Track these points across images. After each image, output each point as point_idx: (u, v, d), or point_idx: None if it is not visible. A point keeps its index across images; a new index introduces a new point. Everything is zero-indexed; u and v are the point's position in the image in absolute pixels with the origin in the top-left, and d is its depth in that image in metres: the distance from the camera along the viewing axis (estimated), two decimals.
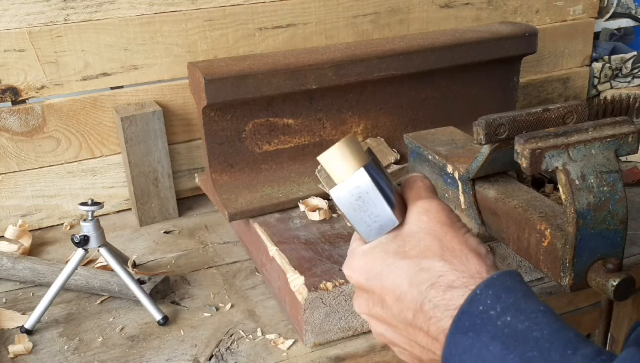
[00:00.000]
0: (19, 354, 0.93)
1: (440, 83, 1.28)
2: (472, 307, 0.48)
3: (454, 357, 0.48)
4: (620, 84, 1.74)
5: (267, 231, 1.05)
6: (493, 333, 0.46)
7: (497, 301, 0.47)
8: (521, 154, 0.77)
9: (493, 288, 0.48)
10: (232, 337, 0.95)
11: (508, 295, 0.47)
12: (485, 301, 0.47)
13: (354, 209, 0.54)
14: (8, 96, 1.18)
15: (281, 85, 1.09)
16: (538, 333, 0.45)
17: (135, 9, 1.21)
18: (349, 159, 0.53)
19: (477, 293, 0.48)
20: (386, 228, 0.55)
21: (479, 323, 0.47)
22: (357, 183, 0.53)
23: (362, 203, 0.53)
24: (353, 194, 0.53)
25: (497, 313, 0.46)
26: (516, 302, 0.47)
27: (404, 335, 0.53)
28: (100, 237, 0.98)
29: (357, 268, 0.55)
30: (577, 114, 0.87)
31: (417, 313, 0.51)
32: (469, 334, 0.47)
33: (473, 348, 0.47)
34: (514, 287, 0.48)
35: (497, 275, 0.49)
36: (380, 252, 0.54)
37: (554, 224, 0.83)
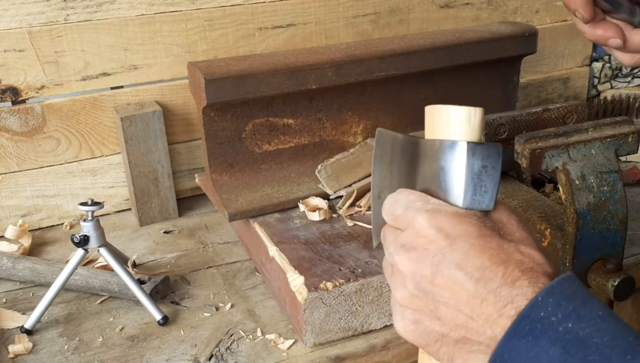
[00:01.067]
0: (19, 354, 0.93)
1: (440, 83, 1.28)
2: (532, 313, 0.48)
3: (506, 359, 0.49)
4: (620, 84, 1.74)
5: (267, 231, 1.05)
6: (554, 338, 0.47)
7: (558, 308, 0.47)
8: (521, 154, 0.77)
9: (554, 295, 0.48)
10: (232, 337, 0.95)
11: (568, 302, 0.48)
12: (547, 308, 0.48)
13: (476, 172, 0.53)
14: (8, 96, 1.18)
15: (281, 85, 1.09)
16: (598, 340, 0.46)
17: (135, 9, 1.21)
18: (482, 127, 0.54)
19: (538, 300, 0.48)
20: (483, 206, 0.54)
21: (539, 328, 0.47)
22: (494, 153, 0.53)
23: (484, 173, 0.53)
24: (485, 159, 0.53)
25: (559, 320, 0.47)
26: (576, 309, 0.47)
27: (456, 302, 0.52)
28: (100, 237, 0.98)
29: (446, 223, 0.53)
30: (577, 114, 0.88)
31: (503, 286, 0.50)
32: (528, 338, 0.48)
33: (530, 352, 0.47)
34: (574, 294, 0.48)
35: (557, 282, 0.49)
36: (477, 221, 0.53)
37: (554, 224, 0.83)
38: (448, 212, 0.53)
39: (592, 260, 0.79)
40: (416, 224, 0.54)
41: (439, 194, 0.55)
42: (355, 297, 0.91)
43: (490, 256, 0.50)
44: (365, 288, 0.91)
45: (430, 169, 0.55)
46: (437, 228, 0.53)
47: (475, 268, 0.50)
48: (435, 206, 0.54)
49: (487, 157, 0.53)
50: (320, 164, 1.16)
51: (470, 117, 0.53)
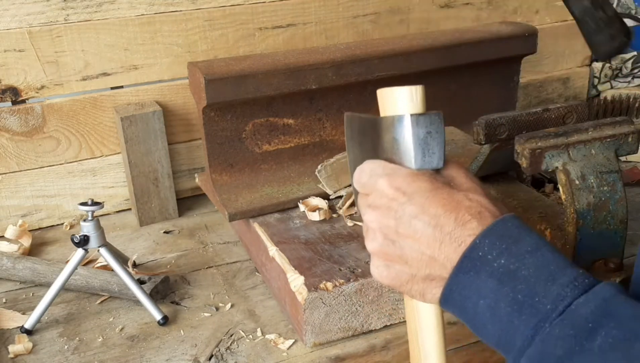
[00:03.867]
0: (19, 354, 0.93)
1: (440, 83, 1.28)
2: (472, 253, 0.56)
3: (454, 292, 0.57)
4: (620, 84, 1.74)
5: (267, 231, 1.05)
6: (490, 273, 0.55)
7: (493, 247, 0.56)
8: (521, 154, 0.77)
9: (490, 236, 0.56)
10: (232, 337, 0.95)
11: (502, 241, 0.56)
12: (484, 248, 0.56)
13: (421, 138, 0.62)
14: (8, 96, 1.18)
15: (281, 85, 1.09)
16: (525, 272, 0.54)
17: (135, 9, 1.21)
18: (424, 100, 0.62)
19: (476, 242, 0.57)
20: (434, 165, 0.62)
21: (477, 266, 0.56)
22: (435, 120, 0.62)
23: (429, 137, 0.62)
24: (428, 126, 0.62)
25: (494, 257, 0.56)
26: (508, 247, 0.56)
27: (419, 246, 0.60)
28: (100, 237, 0.98)
29: (402, 182, 0.61)
30: (577, 114, 0.88)
31: (456, 228, 0.58)
32: (470, 273, 0.56)
33: (472, 284, 0.56)
34: (507, 233, 0.57)
35: (493, 225, 0.57)
36: (430, 177, 0.61)
37: (554, 224, 0.83)
38: (403, 173, 0.62)
39: (592, 260, 0.79)
40: (378, 187, 0.62)
41: (396, 161, 0.63)
42: (355, 297, 0.91)
43: (443, 205, 0.59)
44: (365, 288, 0.91)
45: (388, 141, 0.64)
46: (395, 188, 0.61)
47: (432, 216, 0.59)
48: (393, 170, 0.62)
49: (430, 124, 0.61)
50: (320, 164, 1.16)
51: (412, 94, 0.62)
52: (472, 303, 0.56)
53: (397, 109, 0.63)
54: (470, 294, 0.56)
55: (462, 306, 0.58)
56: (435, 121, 0.62)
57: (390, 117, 0.63)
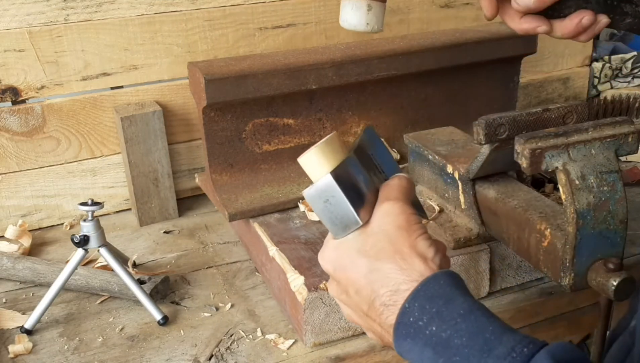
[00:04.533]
0: (19, 354, 0.93)
1: (440, 83, 1.28)
2: (404, 319, 0.55)
3: (403, 353, 0.56)
4: (620, 84, 1.74)
5: (267, 231, 1.05)
6: (425, 341, 0.53)
7: (423, 312, 0.53)
8: (521, 154, 0.77)
9: (418, 299, 0.54)
10: (232, 337, 0.95)
11: (432, 304, 0.53)
12: (414, 313, 0.54)
13: (322, 210, 0.60)
14: (8, 96, 1.18)
15: (281, 85, 1.09)
16: (458, 340, 0.51)
17: (135, 9, 1.21)
18: (323, 162, 0.59)
19: (406, 307, 0.55)
20: (351, 228, 0.60)
21: (412, 333, 0.54)
22: (324, 187, 0.59)
23: (329, 205, 0.59)
24: (321, 197, 0.59)
25: (425, 324, 0.53)
26: (439, 311, 0.53)
27: (364, 320, 0.61)
28: (100, 237, 0.98)
29: (328, 259, 0.62)
30: (577, 114, 0.87)
31: (370, 307, 0.58)
32: (408, 340, 0.54)
33: (412, 352, 0.54)
34: (437, 294, 0.54)
35: (421, 286, 0.55)
36: (346, 248, 0.61)
37: (554, 224, 0.83)
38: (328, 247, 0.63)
39: (592, 260, 0.79)
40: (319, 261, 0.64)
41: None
42: None
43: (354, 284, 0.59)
44: None
45: None
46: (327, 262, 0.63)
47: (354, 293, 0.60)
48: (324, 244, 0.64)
49: (322, 193, 0.59)
50: None
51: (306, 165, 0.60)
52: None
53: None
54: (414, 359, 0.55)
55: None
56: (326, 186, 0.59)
57: None
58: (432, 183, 1.08)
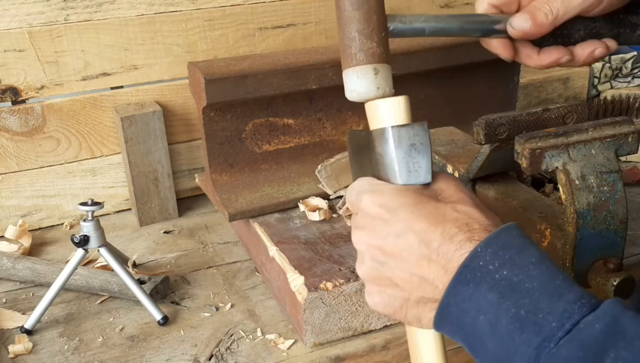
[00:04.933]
0: (19, 354, 0.93)
1: (440, 83, 1.28)
2: (473, 262, 0.53)
3: (452, 305, 0.53)
4: (620, 84, 1.74)
5: (267, 231, 1.05)
6: (491, 284, 0.51)
7: (495, 257, 0.52)
8: (521, 154, 0.77)
9: (492, 246, 0.53)
10: (232, 337, 0.95)
11: (505, 251, 0.52)
12: (485, 258, 0.52)
13: (405, 151, 0.59)
14: (8, 96, 1.18)
15: (281, 85, 1.09)
16: (529, 284, 0.51)
17: (135, 9, 1.21)
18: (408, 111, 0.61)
19: (477, 251, 0.53)
20: (420, 180, 0.59)
21: (478, 276, 0.52)
22: (419, 131, 0.59)
23: (414, 150, 0.59)
24: (411, 138, 0.59)
25: (495, 268, 0.52)
26: (511, 258, 0.52)
27: (407, 266, 0.56)
28: (100, 237, 0.98)
29: (386, 199, 0.58)
30: (577, 114, 0.88)
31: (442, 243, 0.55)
32: (470, 285, 0.52)
33: (472, 297, 0.52)
34: (510, 243, 0.53)
35: (495, 234, 0.54)
36: (415, 192, 0.58)
37: (554, 224, 0.83)
38: (388, 190, 0.59)
39: (592, 260, 0.79)
40: (362, 205, 0.60)
41: (383, 177, 0.61)
42: (355, 297, 0.91)
43: (427, 219, 0.56)
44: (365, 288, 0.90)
45: (375, 156, 0.61)
46: (379, 205, 0.58)
47: (417, 232, 0.55)
48: (377, 187, 0.60)
49: (413, 136, 0.59)
50: (320, 164, 1.16)
51: (394, 105, 0.61)
52: (470, 319, 0.52)
53: (381, 122, 0.60)
54: (469, 308, 0.52)
55: (459, 322, 0.53)
56: (419, 132, 0.59)
57: (374, 131, 0.61)
58: None
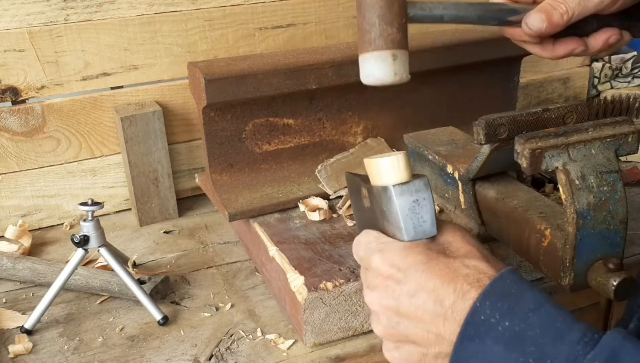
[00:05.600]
0: (19, 354, 0.93)
1: (440, 83, 1.28)
2: (474, 317, 0.54)
3: (461, 362, 0.55)
4: (620, 84, 1.74)
5: (267, 231, 1.05)
6: (496, 337, 0.52)
7: (495, 309, 0.53)
8: (521, 154, 0.77)
9: (490, 298, 0.54)
10: (232, 337, 0.95)
11: (503, 302, 0.54)
12: (486, 311, 0.54)
13: (408, 209, 0.60)
14: (8, 96, 1.18)
15: (281, 85, 1.09)
16: (532, 332, 0.51)
17: (135, 9, 1.21)
18: (408, 167, 0.61)
19: (477, 305, 0.54)
20: (427, 234, 0.61)
21: (482, 331, 0.53)
22: (420, 188, 0.60)
23: (417, 206, 0.60)
24: (413, 196, 0.60)
25: (497, 320, 0.53)
26: (511, 307, 0.53)
27: (423, 325, 0.57)
28: (100, 237, 0.98)
29: (396, 259, 0.59)
30: (577, 114, 0.87)
31: (457, 301, 0.55)
32: (476, 340, 0.53)
33: (479, 353, 0.53)
34: (508, 292, 0.54)
35: (490, 285, 0.55)
36: (423, 249, 0.59)
37: (554, 224, 0.83)
38: (396, 247, 0.60)
39: (592, 260, 0.79)
40: (373, 264, 0.61)
41: (389, 233, 0.62)
42: (355, 297, 0.91)
43: (439, 277, 0.56)
44: None
45: (379, 211, 0.63)
46: (389, 265, 0.59)
47: (430, 291, 0.56)
48: (386, 245, 0.61)
49: (415, 192, 0.60)
50: (320, 164, 1.16)
51: (394, 164, 0.61)
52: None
53: (381, 179, 0.61)
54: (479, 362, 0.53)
55: None
56: (420, 188, 0.60)
57: (376, 187, 0.62)
58: (432, 183, 1.08)
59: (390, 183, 0.60)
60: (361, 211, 0.69)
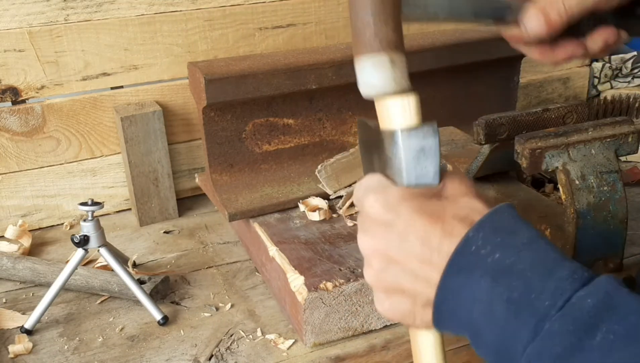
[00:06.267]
0: (19, 354, 0.93)
1: (440, 83, 1.28)
2: (465, 248, 0.52)
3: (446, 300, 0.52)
4: (620, 84, 1.74)
5: (267, 231, 1.05)
6: (484, 270, 0.50)
7: (487, 241, 0.51)
8: (521, 154, 0.77)
9: (483, 229, 0.52)
10: (232, 337, 0.95)
11: (496, 234, 0.52)
12: (477, 242, 0.51)
13: (413, 156, 0.58)
14: (8, 96, 1.18)
15: (281, 85, 1.09)
16: (521, 266, 0.50)
17: (135, 9, 1.21)
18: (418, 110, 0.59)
19: (469, 236, 0.52)
20: (428, 183, 0.58)
21: (471, 262, 0.51)
22: (428, 135, 0.58)
23: (422, 155, 0.58)
24: (420, 142, 0.58)
25: (487, 252, 0.51)
26: (503, 240, 0.51)
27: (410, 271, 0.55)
28: (100, 237, 0.98)
29: (390, 200, 0.57)
30: (577, 114, 0.88)
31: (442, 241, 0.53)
32: (462, 273, 0.51)
33: (465, 287, 0.51)
34: (502, 226, 0.52)
35: (486, 217, 0.53)
36: (418, 193, 0.57)
37: (554, 224, 0.83)
38: (393, 190, 0.57)
39: (592, 260, 0.79)
40: (366, 205, 0.58)
41: (390, 177, 0.59)
42: (355, 297, 0.91)
43: (428, 216, 0.54)
44: (365, 288, 0.91)
45: (384, 155, 0.60)
46: (382, 206, 0.57)
47: (418, 232, 0.54)
48: (384, 187, 0.58)
49: (423, 138, 0.58)
50: (320, 164, 1.16)
51: (404, 106, 0.59)
52: (466, 311, 0.51)
53: (391, 122, 0.59)
54: (463, 299, 0.51)
55: (455, 316, 0.52)
56: (428, 135, 0.58)
57: (384, 131, 0.60)
58: None
59: (398, 127, 0.58)
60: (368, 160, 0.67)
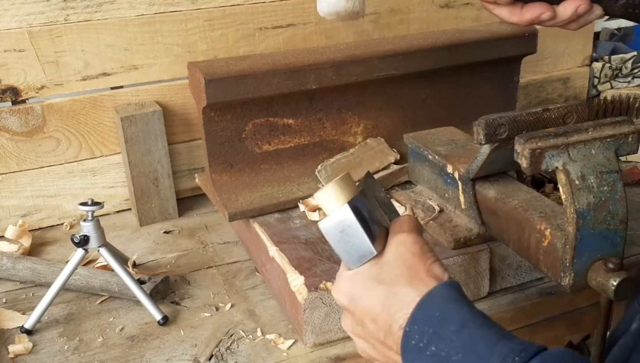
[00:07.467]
0: (19, 354, 0.93)
1: (440, 83, 1.28)
2: (407, 343, 0.56)
3: None
4: (620, 84, 1.74)
5: (267, 231, 1.05)
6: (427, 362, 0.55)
7: (422, 334, 0.55)
8: (521, 154, 0.77)
9: (417, 323, 0.56)
10: (232, 337, 0.95)
11: (429, 326, 0.56)
12: (414, 336, 0.56)
13: (338, 240, 0.61)
14: (8, 96, 1.18)
15: (281, 85, 1.09)
16: (455, 357, 0.53)
17: (135, 9, 1.21)
18: (339, 196, 0.61)
19: (407, 331, 0.56)
20: (366, 258, 0.62)
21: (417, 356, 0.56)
22: (341, 217, 0.60)
23: (345, 235, 0.61)
24: (337, 227, 0.61)
25: (425, 345, 0.55)
26: (435, 331, 0.55)
27: (380, 351, 0.61)
28: (100, 237, 0.98)
29: (342, 291, 0.63)
30: (577, 114, 0.88)
31: (387, 334, 0.59)
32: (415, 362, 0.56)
33: None
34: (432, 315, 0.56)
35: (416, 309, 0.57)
36: (361, 278, 0.62)
37: (554, 224, 0.83)
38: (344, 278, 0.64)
39: (592, 260, 0.79)
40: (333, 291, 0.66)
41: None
42: None
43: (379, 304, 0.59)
44: None
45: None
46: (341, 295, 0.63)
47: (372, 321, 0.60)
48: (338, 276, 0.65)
49: (339, 223, 0.60)
50: (320, 164, 1.16)
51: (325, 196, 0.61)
52: None
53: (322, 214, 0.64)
54: None
55: None
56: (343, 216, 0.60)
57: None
58: (432, 183, 1.08)
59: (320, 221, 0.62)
60: None
